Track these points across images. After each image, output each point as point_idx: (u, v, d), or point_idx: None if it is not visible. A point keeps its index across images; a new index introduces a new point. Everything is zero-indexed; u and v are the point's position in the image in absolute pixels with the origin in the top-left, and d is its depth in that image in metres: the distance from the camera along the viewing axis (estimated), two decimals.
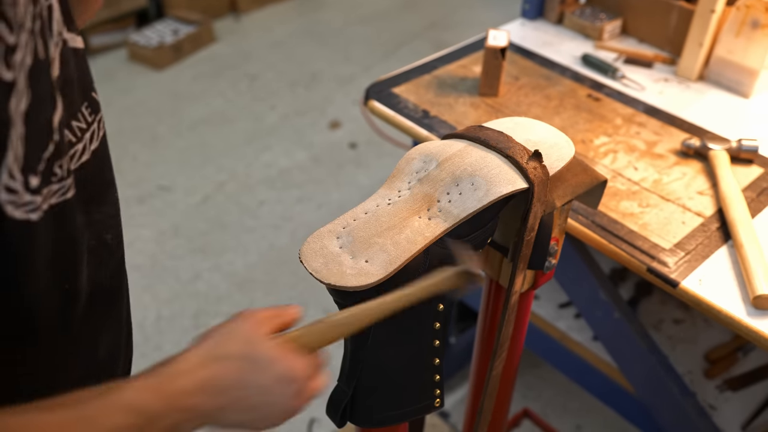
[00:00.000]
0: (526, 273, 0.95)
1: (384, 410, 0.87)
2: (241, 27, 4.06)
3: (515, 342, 1.08)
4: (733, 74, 1.50)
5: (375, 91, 1.47)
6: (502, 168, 0.84)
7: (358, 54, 3.81)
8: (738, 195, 1.18)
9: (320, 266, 0.77)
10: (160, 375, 0.57)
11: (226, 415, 0.60)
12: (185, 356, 0.60)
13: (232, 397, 0.60)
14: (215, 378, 0.59)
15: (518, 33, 1.72)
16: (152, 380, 0.56)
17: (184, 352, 0.60)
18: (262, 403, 0.62)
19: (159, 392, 0.55)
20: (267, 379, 0.62)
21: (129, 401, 0.53)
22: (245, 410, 0.61)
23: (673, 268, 1.08)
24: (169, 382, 0.57)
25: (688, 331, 1.63)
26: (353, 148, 3.07)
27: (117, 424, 0.52)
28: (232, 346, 0.61)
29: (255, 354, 0.62)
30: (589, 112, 1.43)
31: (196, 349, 0.61)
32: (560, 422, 1.96)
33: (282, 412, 0.64)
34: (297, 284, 2.41)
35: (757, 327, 0.99)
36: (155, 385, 0.56)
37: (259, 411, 0.62)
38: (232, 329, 0.63)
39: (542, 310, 1.67)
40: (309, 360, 0.65)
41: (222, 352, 0.61)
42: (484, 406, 1.05)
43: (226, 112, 3.32)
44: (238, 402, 0.60)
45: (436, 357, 0.87)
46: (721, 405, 1.48)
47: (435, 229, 0.81)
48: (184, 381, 0.57)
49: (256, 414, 0.62)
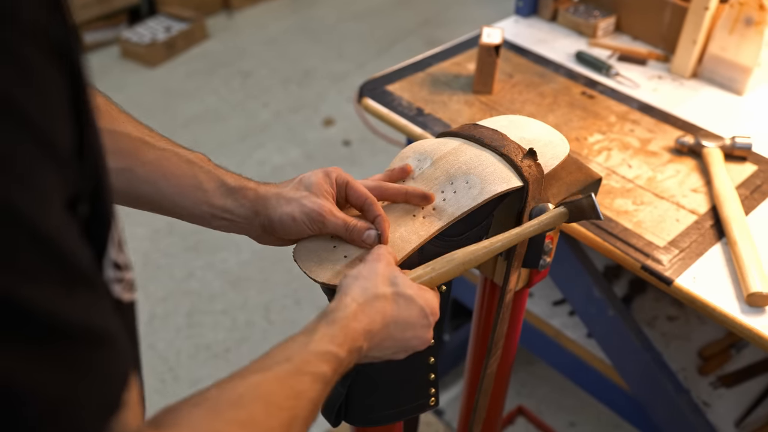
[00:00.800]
0: (520, 271, 0.94)
1: (379, 409, 0.87)
2: (234, 24, 4.04)
3: (510, 340, 1.08)
4: (726, 71, 1.51)
5: (369, 88, 1.47)
6: (496, 166, 0.84)
7: (351, 51, 3.80)
8: (732, 192, 1.18)
9: (314, 265, 0.77)
10: (336, 324, 0.63)
11: (382, 349, 0.68)
12: (345, 302, 0.65)
13: (387, 333, 0.68)
14: (375, 319, 0.66)
15: (512, 30, 1.71)
16: (332, 330, 0.62)
17: (342, 297, 0.66)
18: (408, 335, 0.70)
19: (343, 340, 0.62)
20: (412, 313, 0.69)
21: (326, 352, 0.60)
22: (395, 342, 0.69)
23: (668, 265, 1.08)
24: (346, 330, 0.63)
25: (682, 328, 1.63)
26: (347, 145, 3.06)
27: (321, 371, 0.59)
28: (380, 286, 0.68)
29: (401, 291, 0.69)
30: (583, 110, 1.43)
31: (351, 294, 0.67)
32: (554, 419, 1.96)
33: (421, 342, 0.71)
34: (291, 282, 2.40)
35: (751, 324, 0.99)
36: (338, 334, 0.62)
37: (404, 342, 0.70)
38: (373, 269, 0.69)
39: (536, 308, 1.67)
40: (436, 294, 0.74)
41: (374, 293, 0.67)
42: (479, 403, 1.05)
43: (219, 109, 3.31)
44: (392, 336, 0.68)
45: (430, 356, 0.87)
46: (715, 401, 1.48)
47: (429, 228, 0.81)
48: (355, 325, 0.64)
49: (402, 345, 0.70)
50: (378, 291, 0.67)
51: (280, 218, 0.76)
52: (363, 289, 0.67)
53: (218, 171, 0.78)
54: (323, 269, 0.76)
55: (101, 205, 0.44)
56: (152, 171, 0.75)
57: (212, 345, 2.20)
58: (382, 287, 0.68)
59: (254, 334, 2.23)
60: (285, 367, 0.57)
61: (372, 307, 0.66)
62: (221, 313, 2.31)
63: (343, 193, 0.79)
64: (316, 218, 0.75)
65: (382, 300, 0.67)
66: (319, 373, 0.59)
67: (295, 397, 0.57)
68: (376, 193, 0.81)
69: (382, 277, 0.69)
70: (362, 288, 0.67)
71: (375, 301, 0.67)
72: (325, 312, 0.65)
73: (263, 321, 2.27)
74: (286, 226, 0.76)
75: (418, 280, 0.73)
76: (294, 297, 2.35)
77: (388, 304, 0.67)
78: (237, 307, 2.32)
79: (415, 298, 0.69)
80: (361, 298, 0.66)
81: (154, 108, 3.29)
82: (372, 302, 0.66)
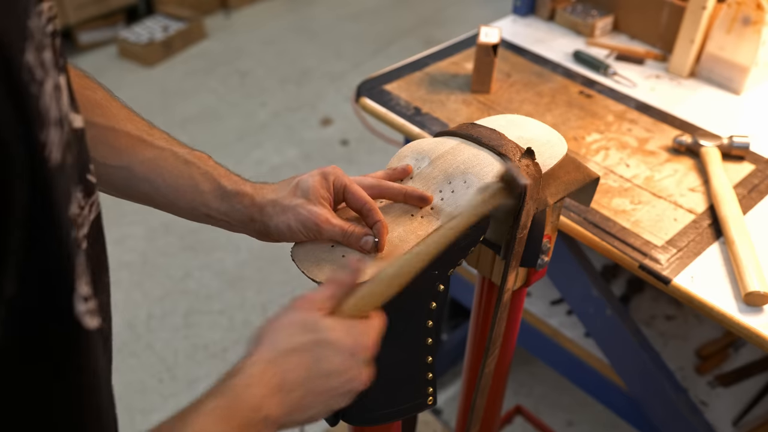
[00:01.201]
0: (518, 271, 0.94)
1: (377, 408, 0.87)
2: (232, 23, 4.04)
3: (507, 339, 1.08)
4: (724, 71, 1.51)
5: (366, 88, 1.47)
6: (494, 166, 0.84)
7: (349, 51, 3.80)
8: (729, 192, 1.18)
9: (312, 265, 0.76)
10: (229, 393, 0.54)
11: (306, 408, 0.59)
12: (251, 361, 0.57)
13: (305, 390, 0.58)
14: (286, 378, 0.57)
15: (510, 30, 1.71)
16: (223, 401, 0.53)
17: (249, 357, 0.58)
18: (334, 384, 0.60)
19: (232, 418, 0.53)
20: (337, 361, 0.60)
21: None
22: (320, 396, 0.60)
23: (665, 265, 1.08)
24: (239, 400, 0.54)
25: (680, 327, 1.63)
26: (345, 145, 3.06)
27: None
28: (295, 337, 0.59)
29: (320, 339, 0.59)
30: (581, 109, 1.43)
31: (259, 351, 0.58)
32: (552, 418, 1.96)
33: (357, 384, 0.63)
34: (288, 282, 2.40)
35: (749, 323, 0.99)
36: (228, 407, 0.53)
37: (332, 392, 0.61)
38: (289, 320, 0.61)
39: (534, 307, 1.67)
40: (368, 324, 0.64)
41: (286, 348, 0.58)
42: (477, 403, 1.05)
43: (217, 109, 3.31)
44: (313, 391, 0.59)
45: (428, 355, 0.87)
46: (713, 401, 1.48)
47: (428, 228, 0.80)
48: (253, 392, 0.55)
49: (331, 396, 0.61)
50: (291, 343, 0.58)
51: (276, 226, 0.76)
52: (271, 345, 0.58)
53: (216, 172, 0.78)
54: (321, 269, 0.76)
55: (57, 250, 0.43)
56: (149, 170, 0.75)
57: (209, 345, 2.20)
58: (298, 337, 0.59)
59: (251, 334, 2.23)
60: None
61: (284, 363, 0.57)
62: (219, 313, 2.30)
63: (341, 196, 0.79)
64: (312, 227, 0.75)
65: (296, 354, 0.58)
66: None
67: None
68: (375, 191, 0.80)
69: (297, 326, 0.60)
70: (271, 343, 0.59)
71: (287, 356, 0.58)
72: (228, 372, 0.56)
73: (261, 321, 2.27)
74: (282, 234, 0.76)
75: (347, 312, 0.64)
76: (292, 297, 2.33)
77: (303, 357, 0.58)
78: (234, 307, 2.32)
79: (339, 341, 0.60)
80: (269, 354, 0.58)
81: (151, 107, 3.28)
82: (285, 358, 0.58)
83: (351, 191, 0.78)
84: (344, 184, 0.78)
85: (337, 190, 0.78)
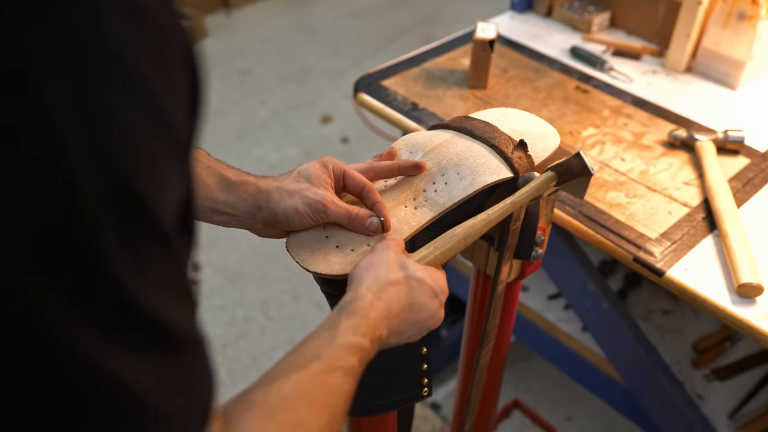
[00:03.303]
0: (512, 263, 0.95)
1: (372, 399, 0.88)
2: (233, 22, 4.05)
3: (503, 331, 1.09)
4: (720, 66, 1.51)
5: (364, 84, 1.48)
6: (487, 158, 0.85)
7: (349, 49, 3.81)
8: (724, 185, 1.19)
9: (307, 255, 0.77)
10: (356, 315, 0.64)
11: (399, 333, 0.70)
12: (361, 293, 0.66)
13: (403, 318, 0.69)
14: (391, 306, 0.67)
15: (507, 26, 1.72)
16: (353, 321, 0.63)
17: (356, 288, 0.67)
18: (423, 316, 0.71)
19: (366, 330, 0.63)
20: (425, 294, 0.70)
21: (352, 345, 0.61)
22: (412, 325, 0.70)
23: (659, 257, 1.09)
24: (365, 320, 0.64)
25: (677, 321, 1.64)
26: (345, 142, 3.07)
27: (351, 364, 0.61)
28: (392, 272, 0.69)
29: (411, 275, 0.69)
30: (577, 104, 1.43)
31: (365, 283, 0.67)
32: (550, 413, 1.97)
33: (435, 321, 0.73)
34: (289, 278, 2.41)
35: (741, 315, 1.00)
36: (360, 324, 0.63)
37: (420, 323, 0.71)
38: (383, 257, 0.70)
39: (532, 302, 1.68)
40: (442, 273, 0.74)
41: (387, 280, 0.68)
42: (472, 395, 1.06)
43: (218, 107, 3.32)
44: (408, 320, 0.69)
45: (423, 346, 0.88)
46: (709, 394, 1.49)
47: (421, 219, 0.81)
48: (373, 314, 0.65)
49: (417, 326, 0.71)
50: (390, 277, 0.68)
51: (284, 211, 0.77)
52: (376, 278, 0.68)
53: (218, 166, 0.79)
54: (315, 259, 0.77)
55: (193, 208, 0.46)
56: None
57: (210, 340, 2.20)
58: (394, 273, 0.69)
59: (252, 329, 2.24)
60: (317, 364, 0.58)
61: (387, 293, 0.67)
62: (219, 308, 2.31)
63: (341, 183, 0.81)
64: (319, 208, 0.76)
65: (395, 286, 0.68)
66: (349, 367, 0.61)
67: (332, 393, 0.58)
68: (369, 174, 0.82)
69: (393, 263, 0.70)
70: (375, 276, 0.68)
71: (389, 287, 0.68)
72: (342, 304, 0.66)
73: (261, 317, 2.28)
74: (290, 219, 0.77)
75: (424, 260, 0.74)
76: (292, 293, 2.36)
77: (401, 289, 0.68)
78: (235, 303, 2.33)
79: (425, 280, 0.70)
80: (375, 286, 0.67)
81: None
82: (386, 289, 0.67)
83: (350, 176, 0.80)
84: (343, 170, 0.80)
85: (337, 176, 0.80)
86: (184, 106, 0.40)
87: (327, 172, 0.79)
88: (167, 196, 0.38)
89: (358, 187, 0.80)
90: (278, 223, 0.78)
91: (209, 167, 0.78)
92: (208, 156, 0.80)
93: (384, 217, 0.78)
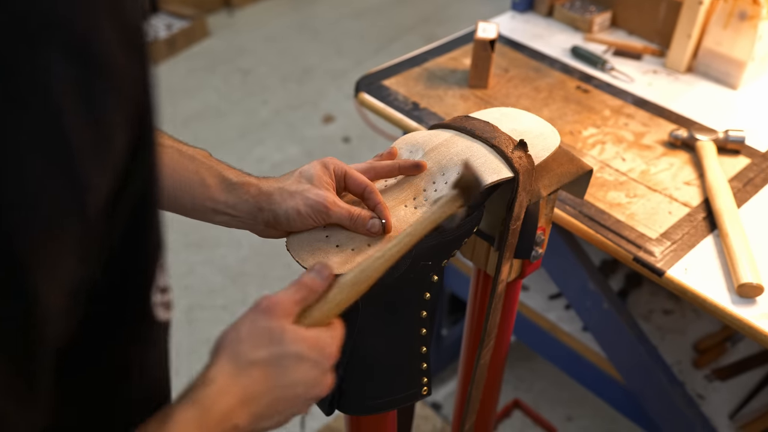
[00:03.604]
0: (512, 262, 0.95)
1: (371, 398, 0.88)
2: (235, 22, 4.05)
3: (503, 331, 1.09)
4: (721, 66, 1.51)
5: (365, 83, 1.48)
6: (487, 157, 0.85)
7: (351, 48, 3.81)
8: (724, 185, 1.19)
9: (307, 255, 0.78)
10: (197, 405, 0.54)
11: (272, 416, 0.59)
12: (214, 374, 0.56)
13: (270, 401, 0.58)
14: (250, 390, 0.57)
15: (508, 25, 1.72)
16: (192, 414, 0.53)
17: (212, 367, 0.57)
18: (299, 391, 0.60)
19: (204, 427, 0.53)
20: (302, 371, 0.60)
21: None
22: (287, 404, 0.60)
23: (660, 257, 1.09)
24: (210, 411, 0.54)
25: (678, 321, 1.64)
26: (346, 142, 3.07)
27: None
28: (258, 350, 0.58)
29: (286, 353, 0.59)
30: (578, 104, 1.44)
31: (222, 362, 0.57)
32: (551, 413, 1.97)
33: (320, 391, 0.63)
34: (290, 277, 2.41)
35: (741, 315, 1.00)
36: (198, 420, 0.53)
37: (297, 399, 0.61)
38: (254, 329, 0.59)
39: (532, 302, 1.68)
40: (332, 332, 0.64)
41: (248, 360, 0.57)
42: (472, 394, 1.06)
43: (219, 106, 3.32)
44: (280, 400, 0.59)
45: (423, 345, 0.88)
46: (710, 394, 1.49)
47: None
48: (222, 404, 0.55)
49: (294, 403, 0.61)
50: (253, 357, 0.57)
51: (285, 212, 0.77)
52: (234, 357, 0.57)
53: (220, 166, 0.79)
54: (316, 258, 0.77)
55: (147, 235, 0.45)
56: None
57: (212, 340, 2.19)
58: (260, 351, 0.58)
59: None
60: None
61: (246, 377, 0.56)
62: (221, 308, 2.32)
63: (342, 183, 0.81)
64: (321, 209, 0.76)
65: (258, 368, 0.57)
66: None
67: None
68: (370, 174, 0.82)
69: (263, 338, 0.58)
70: (233, 355, 0.57)
71: (250, 369, 0.57)
72: (187, 387, 0.56)
73: None
74: (291, 220, 0.77)
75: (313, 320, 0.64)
76: None
77: (268, 371, 0.58)
78: (236, 303, 2.34)
79: (304, 355, 0.59)
80: (231, 368, 0.56)
81: None
82: (246, 372, 0.57)
83: (351, 176, 0.80)
84: (344, 170, 0.80)
85: (338, 177, 0.80)
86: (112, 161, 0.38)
87: (328, 172, 0.79)
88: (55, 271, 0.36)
89: (359, 188, 0.80)
90: (279, 224, 0.78)
91: (211, 168, 0.78)
92: (210, 156, 0.80)
93: (385, 218, 0.78)
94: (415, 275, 0.82)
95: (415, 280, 0.82)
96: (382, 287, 0.69)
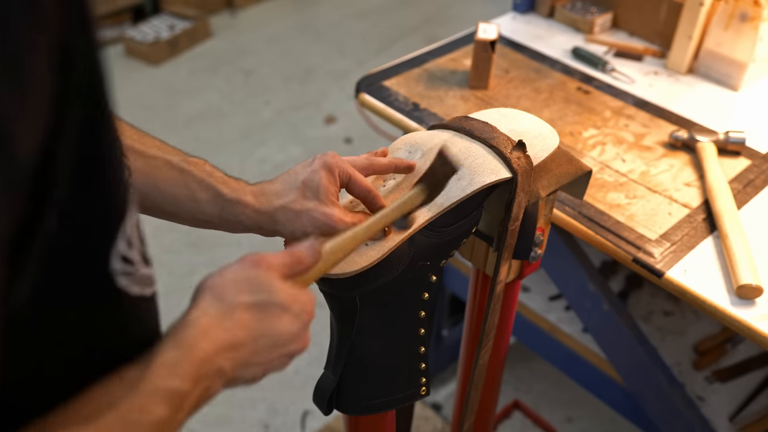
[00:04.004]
0: (511, 263, 0.95)
1: (370, 398, 0.88)
2: (237, 22, 4.06)
3: (502, 331, 1.09)
4: (722, 67, 1.51)
5: (366, 84, 1.48)
6: (486, 158, 0.85)
7: (353, 49, 3.81)
8: (724, 186, 1.19)
9: None
10: (179, 346, 0.52)
11: (252, 365, 0.58)
12: (196, 314, 0.54)
13: (255, 348, 0.57)
14: (237, 334, 0.56)
15: (509, 26, 1.72)
16: (173, 355, 0.52)
17: (194, 308, 0.55)
18: (282, 341, 0.60)
19: (185, 370, 0.52)
20: (286, 322, 0.59)
21: (160, 389, 0.50)
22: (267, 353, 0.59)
23: (659, 258, 1.09)
24: (192, 352, 0.52)
25: (678, 323, 1.64)
26: (348, 143, 3.08)
27: (157, 416, 0.49)
28: (242, 294, 0.57)
29: (273, 301, 0.58)
30: (579, 105, 1.44)
31: (205, 304, 0.56)
32: (551, 414, 1.97)
33: (298, 346, 0.62)
34: None
35: (741, 316, 1.00)
36: (179, 362, 0.52)
37: (279, 350, 0.60)
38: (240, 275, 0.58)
39: (532, 303, 1.68)
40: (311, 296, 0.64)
41: (232, 303, 0.56)
42: (471, 395, 1.06)
43: (222, 107, 3.33)
44: (262, 348, 0.58)
45: (421, 345, 0.88)
46: (710, 396, 1.49)
47: (419, 218, 0.82)
48: (205, 345, 0.53)
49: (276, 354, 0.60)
50: (239, 300, 0.56)
51: (291, 233, 0.76)
52: (219, 298, 0.56)
53: (213, 178, 0.76)
54: None
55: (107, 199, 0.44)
56: (142, 181, 0.73)
57: None
58: (246, 296, 0.57)
59: None
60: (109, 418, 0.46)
61: (230, 319, 0.55)
62: None
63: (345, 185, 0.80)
64: (328, 229, 0.75)
65: (242, 310, 0.56)
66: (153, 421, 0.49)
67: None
68: (368, 170, 0.82)
69: (249, 283, 0.58)
70: (218, 296, 0.56)
71: (233, 312, 0.56)
72: (169, 329, 0.54)
73: None
74: (297, 238, 0.77)
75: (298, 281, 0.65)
76: None
77: (254, 316, 0.57)
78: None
79: (288, 305, 0.59)
80: (214, 309, 0.55)
81: (157, 106, 3.30)
82: (231, 314, 0.56)
83: (355, 181, 0.79)
84: (349, 175, 0.78)
85: (342, 181, 0.79)
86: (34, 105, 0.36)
87: (333, 180, 0.77)
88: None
89: (363, 192, 0.79)
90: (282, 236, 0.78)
91: (202, 181, 0.75)
92: (205, 166, 0.77)
93: None
94: (413, 275, 0.82)
95: (413, 280, 0.82)
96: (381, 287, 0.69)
